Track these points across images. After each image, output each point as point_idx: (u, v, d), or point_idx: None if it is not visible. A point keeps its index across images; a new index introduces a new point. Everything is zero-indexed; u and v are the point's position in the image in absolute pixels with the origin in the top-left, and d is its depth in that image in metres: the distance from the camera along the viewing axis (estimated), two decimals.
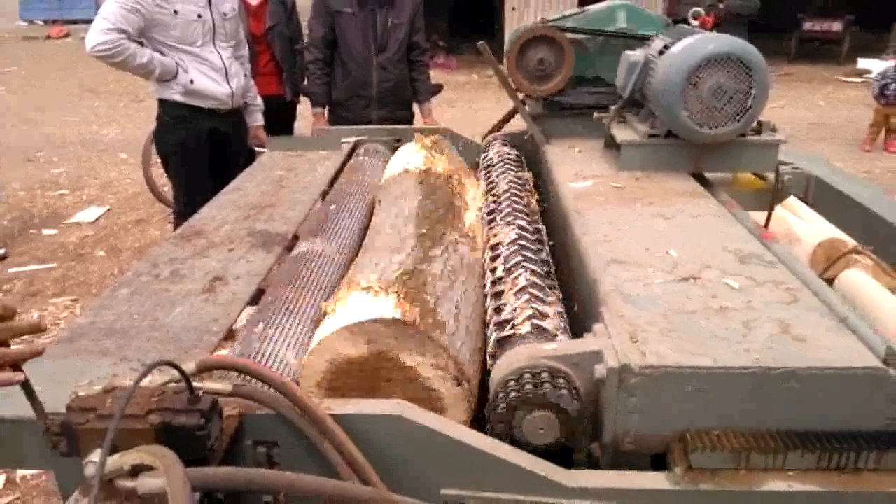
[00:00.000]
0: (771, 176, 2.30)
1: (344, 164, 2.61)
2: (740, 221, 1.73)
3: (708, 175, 2.10)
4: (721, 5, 8.81)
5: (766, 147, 2.06)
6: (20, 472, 2.78)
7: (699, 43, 1.90)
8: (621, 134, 2.13)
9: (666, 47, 2.01)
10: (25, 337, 1.01)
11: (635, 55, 2.09)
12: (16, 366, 0.96)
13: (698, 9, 2.18)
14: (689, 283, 1.38)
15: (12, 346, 0.96)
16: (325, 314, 1.41)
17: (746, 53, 1.87)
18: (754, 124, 2.02)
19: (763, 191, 2.37)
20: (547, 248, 1.82)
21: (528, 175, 2.36)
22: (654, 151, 2.07)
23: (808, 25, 12.95)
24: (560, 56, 2.36)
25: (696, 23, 2.18)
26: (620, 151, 2.09)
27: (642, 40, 2.26)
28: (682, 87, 1.87)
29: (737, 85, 1.89)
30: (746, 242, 1.58)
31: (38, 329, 0.99)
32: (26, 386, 0.98)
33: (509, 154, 2.49)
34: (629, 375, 1.11)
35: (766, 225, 2.23)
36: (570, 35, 2.37)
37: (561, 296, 1.59)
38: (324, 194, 2.30)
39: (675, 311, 1.27)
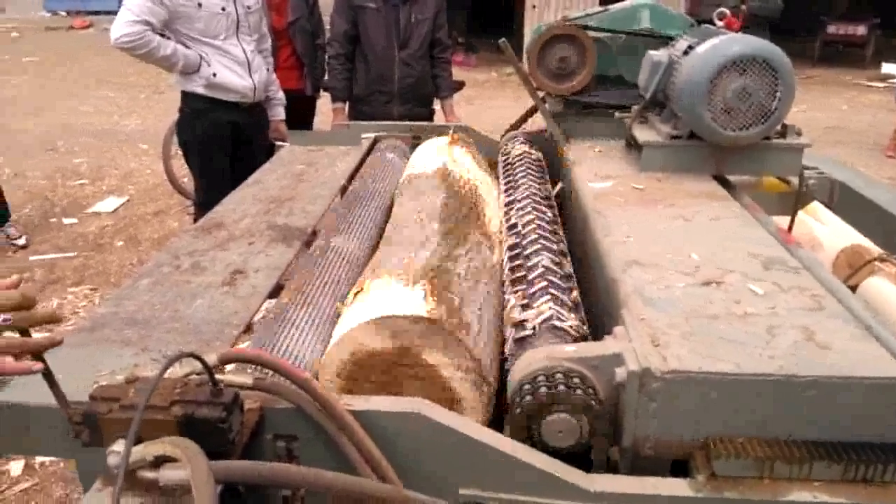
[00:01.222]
0: (795, 180, 2.27)
1: (363, 160, 2.61)
2: (764, 226, 1.71)
3: (730, 178, 2.09)
4: (743, 7, 8.73)
5: (790, 151, 2.04)
6: (38, 459, 2.81)
7: (724, 44, 1.88)
8: (643, 134, 2.12)
9: (690, 47, 1.99)
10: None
11: (659, 55, 2.07)
12: (36, 355, 0.97)
13: (723, 9, 2.15)
14: (711, 287, 1.37)
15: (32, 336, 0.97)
16: (345, 303, 1.40)
17: (773, 55, 1.84)
18: (779, 127, 2.00)
19: (786, 195, 2.34)
20: (566, 247, 1.81)
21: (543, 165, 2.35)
22: (675, 153, 2.05)
23: (831, 29, 12.79)
24: (582, 55, 2.35)
25: (721, 23, 2.15)
26: (642, 152, 2.07)
27: (666, 40, 2.24)
28: (706, 87, 1.85)
29: (762, 87, 1.87)
30: (770, 247, 1.56)
31: (55, 319, 1.00)
32: (48, 375, 0.98)
33: (529, 153, 2.48)
34: (650, 380, 1.10)
35: (789, 230, 2.21)
36: (592, 34, 2.36)
37: (579, 296, 1.58)
38: (343, 189, 2.31)
39: (697, 315, 1.26)
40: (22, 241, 4.57)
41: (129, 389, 0.92)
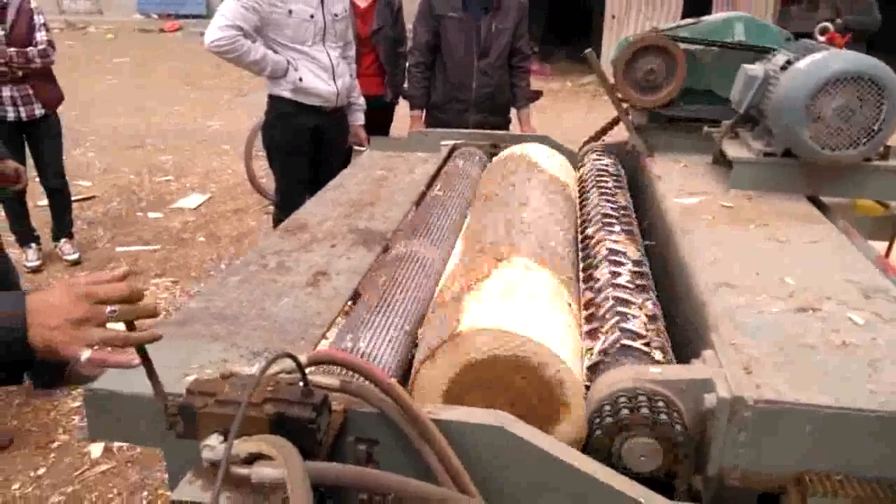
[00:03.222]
0: (894, 204, 2.16)
1: (441, 168, 2.63)
2: (862, 251, 1.63)
3: (823, 199, 2.00)
4: (838, 20, 8.33)
5: (892, 173, 1.94)
6: (117, 443, 2.93)
7: (827, 59, 1.80)
8: (733, 150, 2.05)
9: (789, 62, 1.92)
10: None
11: (754, 69, 2.01)
12: (139, 348, 1.01)
13: (826, 24, 2.06)
14: (807, 313, 1.31)
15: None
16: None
17: (879, 72, 1.76)
18: (880, 149, 1.91)
19: (881, 219, 2.23)
20: (648, 264, 1.76)
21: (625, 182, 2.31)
22: (768, 171, 1.98)
23: None
24: (671, 67, 2.29)
25: (822, 38, 2.06)
26: (732, 169, 2.01)
27: (761, 54, 2.16)
28: (805, 104, 1.78)
29: (866, 106, 1.78)
30: (869, 275, 1.48)
31: (155, 313, 1.03)
32: (148, 367, 1.02)
33: (608, 166, 2.44)
34: (742, 408, 1.06)
35: (887, 256, 2.10)
36: (682, 45, 2.30)
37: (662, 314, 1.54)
38: (422, 196, 2.32)
39: (793, 343, 1.21)
40: (74, 257, 4.60)
41: (225, 385, 0.94)
